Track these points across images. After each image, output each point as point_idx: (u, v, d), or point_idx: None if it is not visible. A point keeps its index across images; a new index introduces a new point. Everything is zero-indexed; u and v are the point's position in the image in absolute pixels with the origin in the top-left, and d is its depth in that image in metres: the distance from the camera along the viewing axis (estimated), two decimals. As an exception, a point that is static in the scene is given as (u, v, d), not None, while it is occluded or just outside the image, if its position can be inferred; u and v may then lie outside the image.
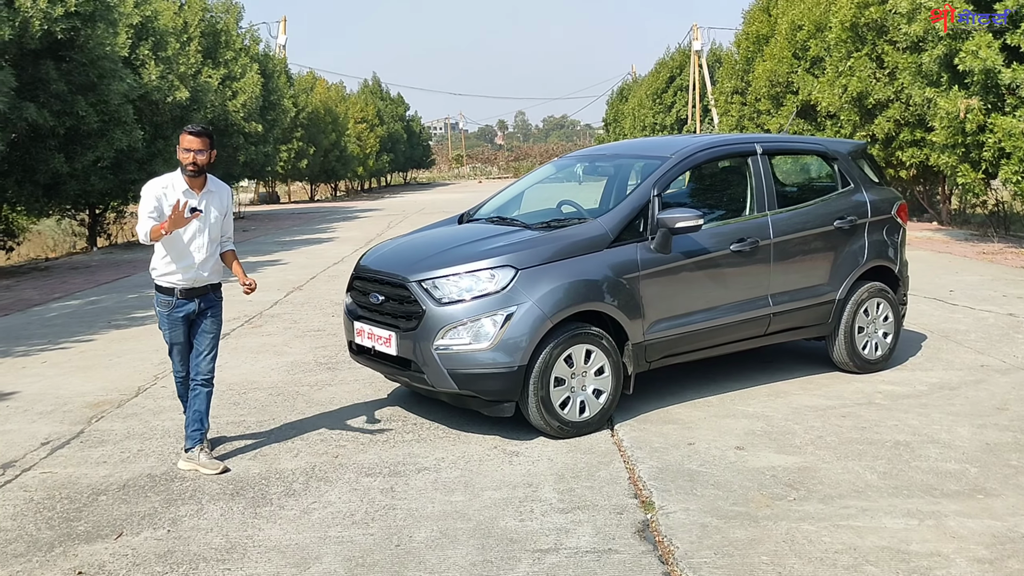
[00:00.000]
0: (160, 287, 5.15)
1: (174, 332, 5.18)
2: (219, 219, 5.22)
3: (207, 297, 5.23)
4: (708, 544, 4.05)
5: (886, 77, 17.68)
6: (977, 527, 4.16)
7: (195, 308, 5.17)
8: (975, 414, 5.84)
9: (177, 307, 5.12)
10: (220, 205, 5.23)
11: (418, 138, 68.86)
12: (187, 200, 4.94)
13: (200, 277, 5.14)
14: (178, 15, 23.17)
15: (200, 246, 5.12)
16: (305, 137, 38.39)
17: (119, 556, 4.10)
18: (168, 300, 5.12)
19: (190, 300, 5.14)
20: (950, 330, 8.35)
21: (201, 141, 5.02)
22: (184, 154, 5.00)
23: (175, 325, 5.16)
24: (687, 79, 46.92)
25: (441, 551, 4.07)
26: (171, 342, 5.22)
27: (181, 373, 5.33)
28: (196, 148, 4.98)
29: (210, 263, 5.18)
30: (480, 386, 5.35)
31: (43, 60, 14.12)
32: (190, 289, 5.12)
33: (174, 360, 5.32)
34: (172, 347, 5.25)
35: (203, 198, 5.12)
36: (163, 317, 5.17)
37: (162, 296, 5.15)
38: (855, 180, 6.93)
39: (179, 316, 5.14)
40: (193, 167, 5.01)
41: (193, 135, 5.02)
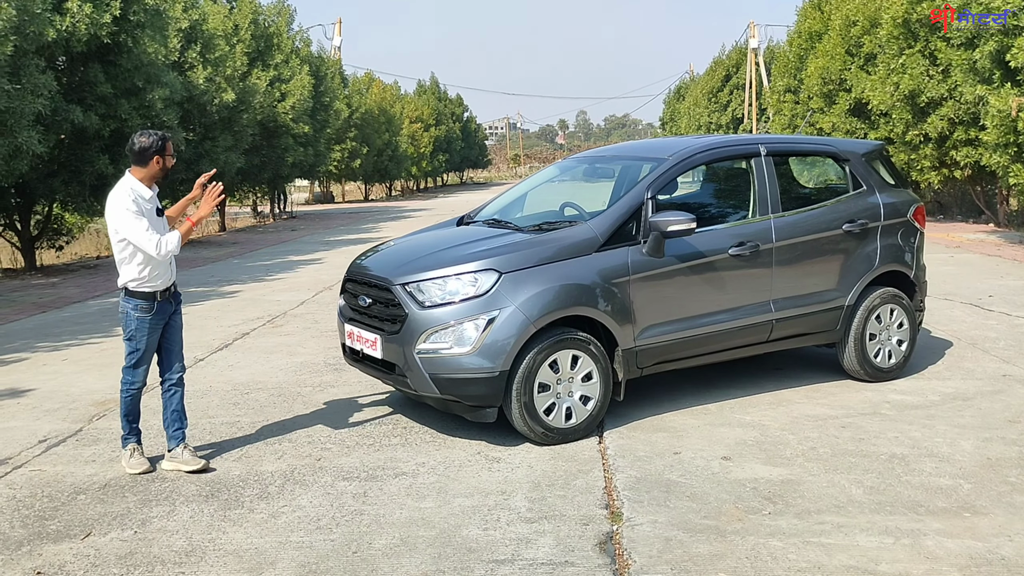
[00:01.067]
0: (139, 293, 5.09)
1: (152, 337, 5.17)
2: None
3: (176, 295, 5.33)
4: (667, 559, 3.92)
5: (939, 74, 17.12)
6: (955, 547, 3.96)
7: (169, 309, 5.24)
8: (983, 427, 5.58)
9: (159, 311, 5.15)
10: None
11: (474, 138, 69.08)
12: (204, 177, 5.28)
13: (172, 276, 5.24)
14: (228, 18, 23.57)
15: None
16: (358, 137, 38.77)
17: (81, 556, 4.13)
18: (150, 305, 5.11)
19: (167, 301, 5.21)
20: (979, 337, 8.02)
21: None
22: (171, 159, 5.12)
23: (155, 330, 5.17)
24: (743, 77, 46.20)
25: (396, 559, 4.02)
26: (146, 348, 5.17)
27: (138, 384, 5.23)
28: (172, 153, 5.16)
29: (174, 261, 5.28)
30: (461, 391, 5.29)
31: (91, 63, 14.48)
32: (166, 290, 5.19)
33: (137, 371, 5.20)
34: (143, 355, 5.17)
35: (156, 200, 5.19)
36: (143, 324, 5.11)
37: (143, 302, 5.10)
38: (868, 182, 6.68)
39: (159, 320, 5.17)
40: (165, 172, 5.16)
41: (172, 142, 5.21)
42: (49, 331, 9.90)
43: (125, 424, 5.26)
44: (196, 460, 5.20)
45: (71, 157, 14.99)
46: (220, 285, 13.33)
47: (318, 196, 44.15)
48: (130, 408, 5.26)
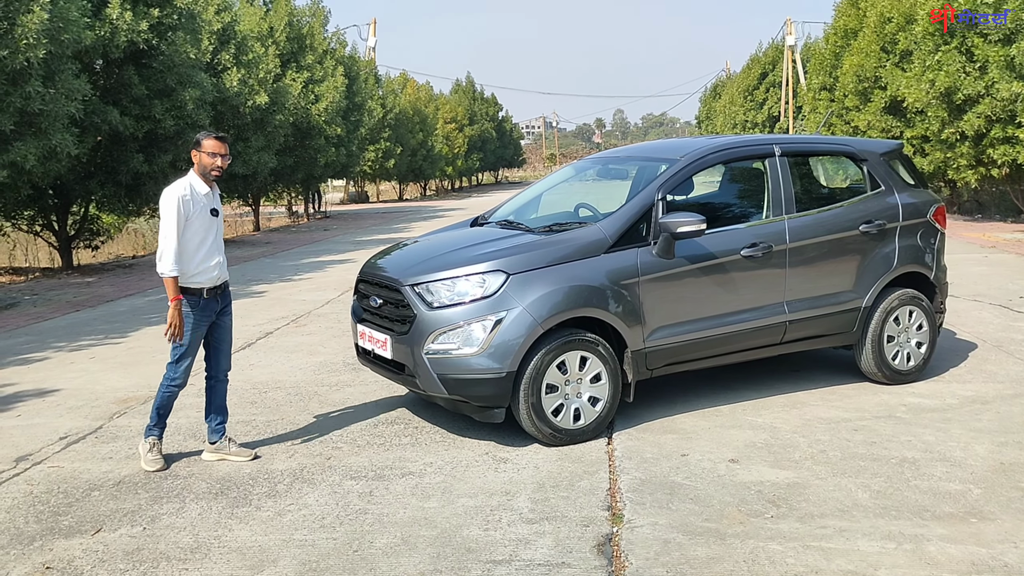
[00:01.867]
0: (186, 289, 5.16)
1: (196, 333, 5.23)
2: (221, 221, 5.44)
3: (225, 294, 5.40)
4: (664, 561, 3.92)
5: (976, 71, 16.80)
6: (958, 553, 3.91)
7: (217, 307, 5.32)
8: (1000, 431, 5.49)
9: (204, 308, 5.22)
10: (220, 206, 5.44)
11: (509, 137, 69.14)
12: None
13: (221, 275, 5.30)
14: (264, 20, 23.85)
15: (220, 245, 5.34)
16: (392, 137, 39.00)
17: (90, 552, 4.23)
18: (194, 301, 5.18)
19: (214, 299, 5.28)
20: (1005, 339, 7.88)
21: (225, 147, 5.22)
22: (210, 159, 5.15)
23: (199, 325, 5.23)
24: (780, 75, 45.73)
25: (395, 558, 4.06)
26: (190, 344, 5.22)
27: (179, 381, 5.31)
28: (223, 153, 5.17)
29: (224, 261, 5.37)
30: (469, 391, 5.32)
31: (126, 67, 14.76)
32: (214, 288, 5.26)
33: (179, 368, 5.26)
34: (186, 351, 5.22)
35: (216, 200, 5.34)
36: (187, 320, 5.17)
37: (188, 298, 5.16)
38: (886, 182, 6.60)
39: (205, 316, 5.24)
40: (219, 172, 5.19)
41: (219, 140, 5.18)
42: (80, 329, 10.10)
43: (154, 415, 5.32)
44: (244, 451, 5.42)
45: (107, 158, 15.30)
46: (249, 284, 13.50)
47: (353, 196, 44.51)
48: (164, 402, 5.33)
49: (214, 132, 5.22)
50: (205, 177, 5.20)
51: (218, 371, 5.47)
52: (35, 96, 11.35)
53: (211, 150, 5.14)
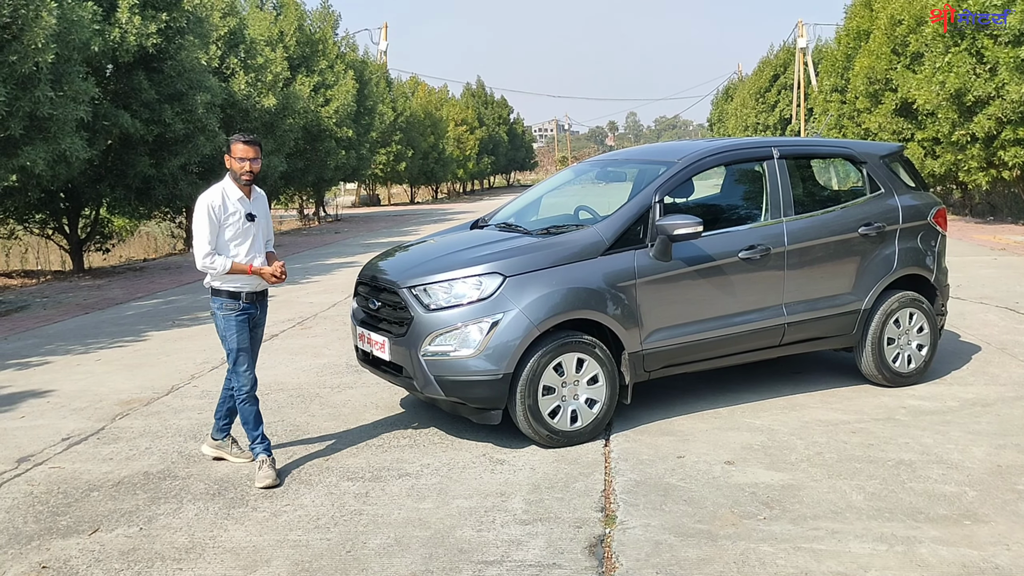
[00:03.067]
0: (227, 292, 5.10)
1: (242, 335, 5.13)
2: (265, 223, 5.30)
3: (263, 301, 5.31)
4: (654, 563, 3.93)
5: (986, 73, 16.72)
6: (949, 556, 3.90)
7: (256, 312, 5.22)
8: (999, 433, 5.47)
9: (243, 311, 5.13)
10: (264, 210, 5.29)
11: (521, 140, 69.21)
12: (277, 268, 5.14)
13: (260, 281, 5.18)
14: (274, 24, 23.98)
15: (260, 250, 5.21)
16: (404, 140, 39.11)
17: (86, 552, 4.27)
18: (235, 304, 5.10)
19: (253, 304, 5.18)
20: (1009, 342, 7.85)
21: (255, 150, 5.08)
22: (239, 163, 5.03)
23: (243, 327, 5.13)
24: (791, 77, 45.61)
25: (388, 558, 4.08)
26: (239, 346, 5.12)
27: (247, 387, 5.15)
28: (251, 156, 5.04)
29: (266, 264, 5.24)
30: (466, 393, 5.34)
31: (136, 71, 14.88)
32: (253, 293, 5.16)
33: (239, 372, 5.13)
34: (240, 352, 5.12)
35: (254, 204, 5.19)
36: (230, 320, 5.10)
37: (229, 300, 5.10)
38: (886, 184, 6.59)
39: (246, 318, 5.15)
40: (249, 175, 5.07)
41: (247, 144, 5.06)
42: (88, 332, 10.18)
43: (248, 432, 5.18)
44: (246, 453, 5.37)
45: (117, 161, 15.42)
46: (257, 287, 13.57)
47: (364, 199, 44.64)
48: (248, 415, 5.15)
49: (244, 136, 5.09)
50: (238, 181, 5.09)
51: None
52: (44, 100, 11.45)
53: (240, 154, 5.03)
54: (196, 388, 7.30)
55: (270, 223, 5.42)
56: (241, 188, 5.10)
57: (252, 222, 5.15)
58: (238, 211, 5.08)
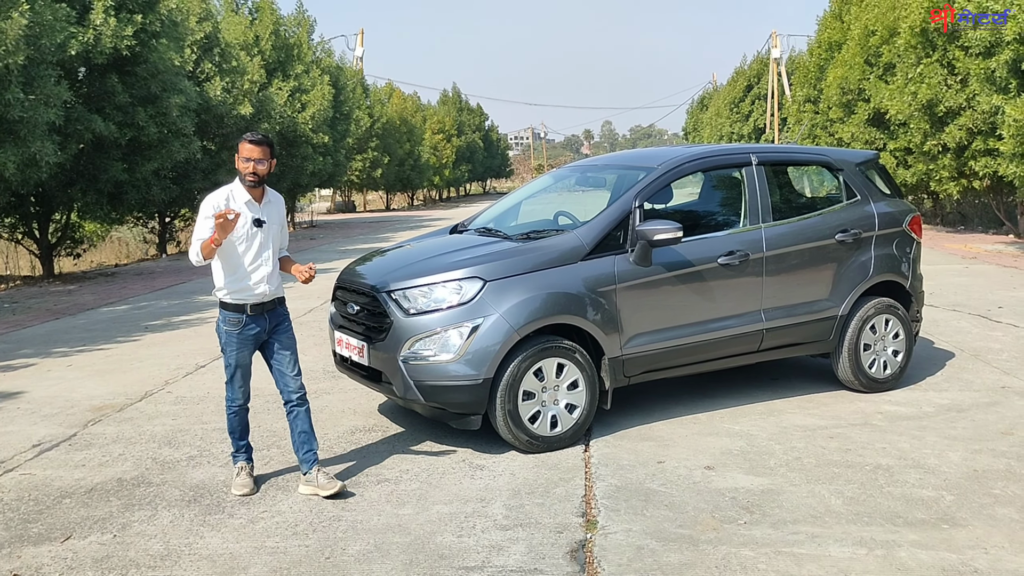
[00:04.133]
0: (227, 304, 4.83)
1: (241, 353, 4.86)
2: (278, 230, 4.98)
3: (275, 312, 4.96)
4: (636, 567, 3.91)
5: (957, 84, 16.97)
6: (928, 559, 3.91)
7: (265, 326, 4.90)
8: (974, 438, 5.52)
9: (247, 325, 4.83)
10: (279, 216, 4.98)
11: (496, 148, 69.25)
12: (231, 209, 4.63)
13: (268, 291, 4.86)
14: (249, 29, 23.83)
15: (267, 259, 4.86)
16: (380, 147, 39.01)
17: (58, 559, 4.19)
18: (238, 318, 4.81)
19: (260, 317, 4.86)
20: (982, 348, 7.93)
21: (261, 150, 4.75)
22: (243, 163, 4.73)
23: (244, 345, 4.85)
24: (765, 87, 46.02)
25: (368, 564, 4.04)
26: (236, 363, 4.87)
27: (238, 401, 4.96)
28: (256, 157, 4.72)
29: (275, 276, 4.93)
30: (445, 398, 5.30)
31: (109, 74, 14.71)
32: (259, 304, 4.84)
33: (233, 387, 4.93)
34: (235, 370, 4.89)
35: (264, 209, 4.87)
36: (230, 337, 4.83)
37: (230, 314, 4.83)
38: (862, 192, 6.64)
39: (250, 335, 4.85)
40: (253, 177, 4.74)
41: (253, 143, 4.74)
42: (59, 337, 10.03)
43: (232, 441, 5.06)
44: (332, 483, 4.87)
45: (89, 165, 15.24)
46: (232, 293, 13.46)
47: (339, 205, 44.46)
48: (233, 425, 5.01)
49: (251, 135, 4.80)
50: (244, 183, 4.78)
51: (288, 395, 4.98)
52: (15, 103, 11.30)
53: (245, 154, 4.71)
54: (170, 394, 7.21)
55: (285, 230, 5.12)
56: (249, 191, 4.79)
57: (260, 228, 4.81)
58: (244, 216, 4.75)
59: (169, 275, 16.55)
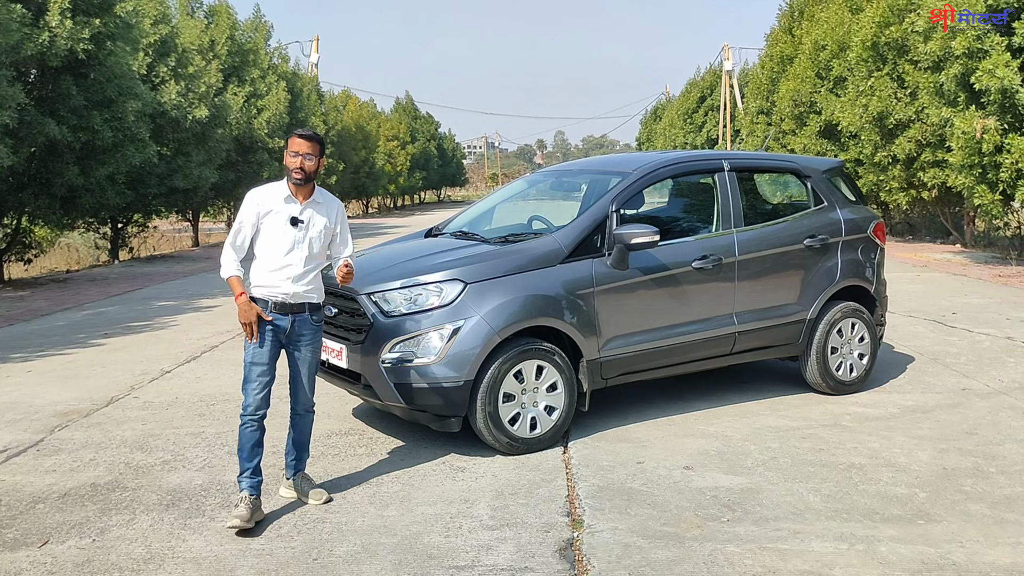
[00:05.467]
0: (253, 298, 4.61)
1: (257, 349, 4.58)
2: (322, 233, 4.69)
3: (303, 317, 4.69)
4: (625, 564, 3.96)
5: (907, 97, 17.45)
6: (908, 553, 4.03)
7: (287, 326, 4.64)
8: (941, 438, 5.68)
9: (271, 324, 4.60)
10: (326, 219, 4.73)
11: (451, 156, 69.23)
12: (256, 332, 4.56)
13: (294, 292, 4.61)
14: (205, 33, 23.56)
15: (298, 259, 4.62)
16: (335, 154, 38.75)
17: (37, 564, 4.11)
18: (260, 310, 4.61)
19: (283, 315, 4.62)
20: (940, 352, 8.15)
21: (310, 145, 4.58)
22: (291, 158, 4.55)
23: (262, 339, 4.58)
24: (718, 99, 46.71)
25: (357, 565, 4.03)
26: (253, 360, 4.59)
27: (251, 408, 4.62)
28: (305, 152, 4.55)
29: (307, 278, 4.65)
30: (426, 400, 5.31)
31: (63, 76, 14.43)
32: (283, 304, 4.61)
33: (249, 386, 4.61)
34: (252, 366, 4.59)
35: (306, 208, 4.65)
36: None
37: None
38: (829, 198, 6.81)
39: (269, 331, 4.60)
40: (300, 172, 4.55)
41: (303, 138, 4.59)
42: (15, 343, 9.80)
43: (239, 460, 4.61)
44: (318, 493, 4.82)
45: (41, 169, 14.91)
46: (191, 299, 13.28)
47: (293, 213, 43.97)
48: (243, 441, 4.61)
49: (302, 130, 4.64)
50: (289, 178, 4.61)
51: (296, 404, 4.87)
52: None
53: (294, 148, 4.56)
54: (137, 399, 7.09)
55: (345, 236, 4.88)
56: (292, 187, 4.61)
57: (295, 227, 4.60)
58: (280, 212, 4.59)
59: (124, 281, 16.25)
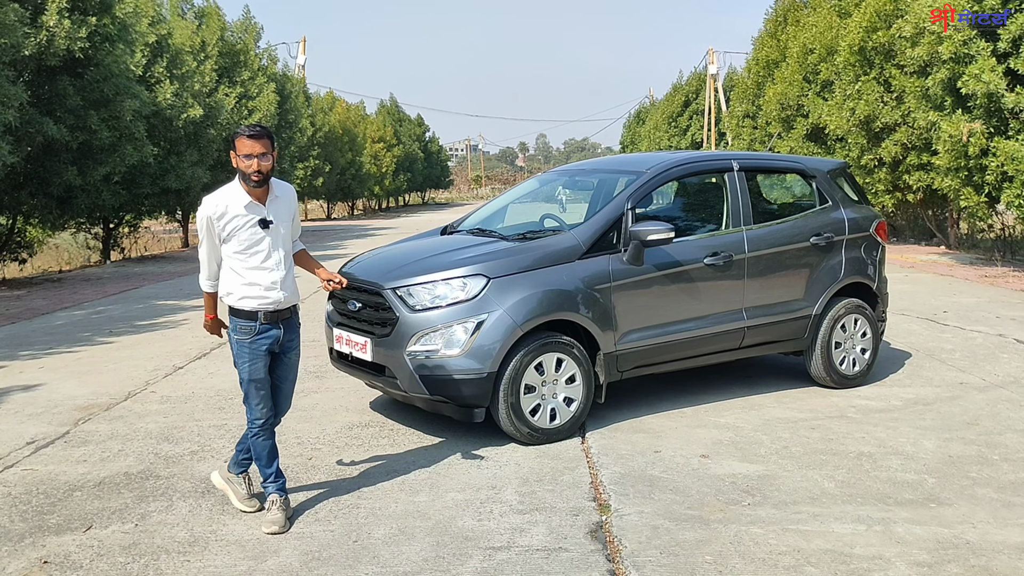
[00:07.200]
0: (239, 311, 4.41)
1: (255, 365, 4.41)
2: (288, 226, 4.54)
3: (290, 322, 4.56)
4: (656, 544, 4.14)
5: (893, 101, 17.76)
6: (923, 533, 4.23)
7: (279, 335, 4.48)
8: (944, 428, 5.90)
9: (261, 333, 4.41)
10: (288, 210, 4.53)
11: (436, 158, 69.32)
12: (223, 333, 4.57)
13: (282, 298, 4.44)
14: (196, 34, 23.58)
15: (279, 262, 4.44)
16: (321, 156, 38.79)
17: (85, 547, 4.23)
18: (250, 326, 4.40)
19: (274, 325, 4.45)
20: (935, 349, 8.39)
21: (263, 143, 4.27)
22: (244, 161, 4.25)
23: (257, 356, 4.41)
24: (703, 103, 47.10)
25: (396, 547, 4.18)
26: (251, 377, 4.42)
27: (260, 419, 4.49)
28: (259, 152, 4.24)
29: (290, 280, 4.50)
30: (451, 392, 5.46)
31: (60, 76, 14.47)
32: (274, 312, 4.44)
33: (251, 405, 4.47)
34: (251, 384, 4.44)
35: (271, 208, 4.41)
36: (242, 347, 4.41)
37: (242, 322, 4.40)
38: (833, 198, 7.02)
39: (263, 345, 4.43)
40: (258, 175, 4.27)
41: (253, 138, 4.25)
42: (21, 341, 9.86)
43: (259, 468, 4.57)
44: (251, 501, 4.66)
45: (38, 169, 14.93)
46: (190, 298, 13.34)
47: (279, 214, 43.91)
48: (260, 450, 4.51)
49: (248, 128, 4.30)
50: (247, 183, 4.32)
51: (280, 411, 4.71)
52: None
53: (245, 150, 4.23)
54: (155, 394, 7.20)
55: (297, 221, 4.71)
56: (251, 191, 4.34)
57: (266, 229, 4.38)
58: (247, 217, 4.34)
59: (118, 281, 16.28)
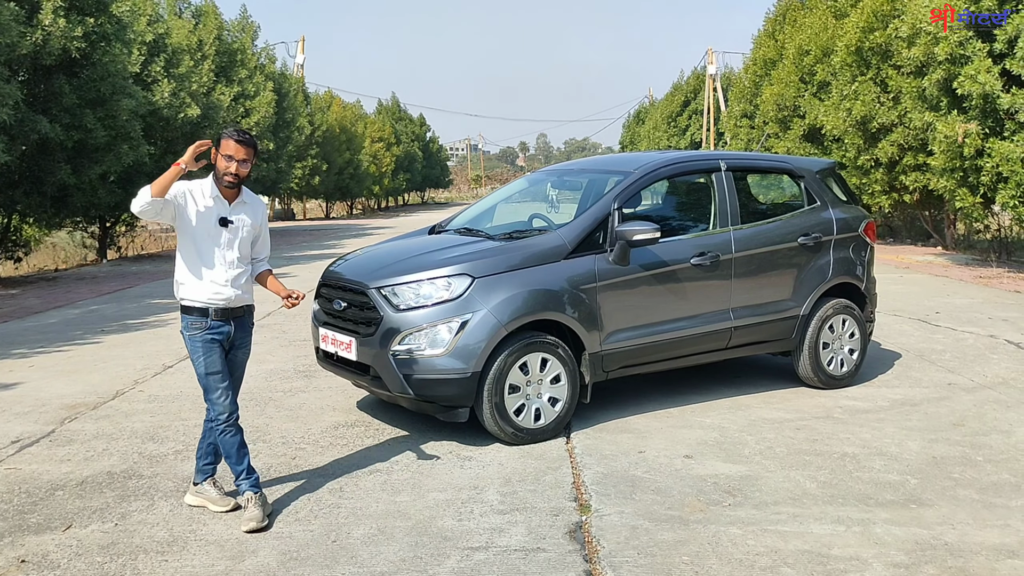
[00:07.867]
0: (190, 308, 4.48)
1: (210, 357, 4.45)
2: (251, 233, 4.60)
3: (242, 321, 4.63)
4: (634, 545, 4.13)
5: (890, 101, 17.76)
6: (902, 534, 4.22)
7: (230, 331, 4.55)
8: (929, 429, 5.89)
9: (211, 329, 4.47)
10: (253, 219, 4.61)
11: (436, 158, 69.35)
12: (208, 141, 4.30)
13: (233, 296, 4.51)
14: (193, 33, 23.60)
15: (233, 262, 4.52)
16: (320, 155, 38.82)
17: (64, 547, 4.23)
18: (201, 322, 4.46)
19: (225, 322, 4.52)
20: (926, 349, 8.39)
21: (247, 151, 4.42)
22: (224, 161, 4.38)
23: (210, 348, 4.46)
24: (702, 103, 47.11)
25: (375, 547, 4.18)
26: (208, 370, 4.46)
27: (224, 414, 4.50)
28: (240, 157, 4.39)
29: (242, 280, 4.56)
30: (435, 392, 5.46)
31: (56, 75, 14.48)
32: (224, 310, 4.50)
33: (212, 399, 4.49)
34: (209, 377, 4.46)
35: (235, 209, 4.53)
36: (195, 342, 4.46)
37: (193, 318, 4.47)
38: (822, 198, 7.02)
39: (216, 337, 4.48)
40: (233, 178, 4.40)
41: (239, 143, 4.39)
42: (13, 340, 9.86)
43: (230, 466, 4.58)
44: (225, 500, 4.67)
45: (33, 167, 14.94)
46: (184, 297, 13.34)
47: (279, 213, 44.02)
48: (227, 448, 4.53)
49: (237, 133, 4.42)
50: (220, 182, 4.43)
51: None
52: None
53: (228, 151, 4.36)
54: (143, 393, 7.20)
55: (265, 237, 4.81)
56: (222, 190, 4.45)
57: (225, 228, 4.47)
58: (210, 210, 4.43)
59: (114, 280, 16.28)
